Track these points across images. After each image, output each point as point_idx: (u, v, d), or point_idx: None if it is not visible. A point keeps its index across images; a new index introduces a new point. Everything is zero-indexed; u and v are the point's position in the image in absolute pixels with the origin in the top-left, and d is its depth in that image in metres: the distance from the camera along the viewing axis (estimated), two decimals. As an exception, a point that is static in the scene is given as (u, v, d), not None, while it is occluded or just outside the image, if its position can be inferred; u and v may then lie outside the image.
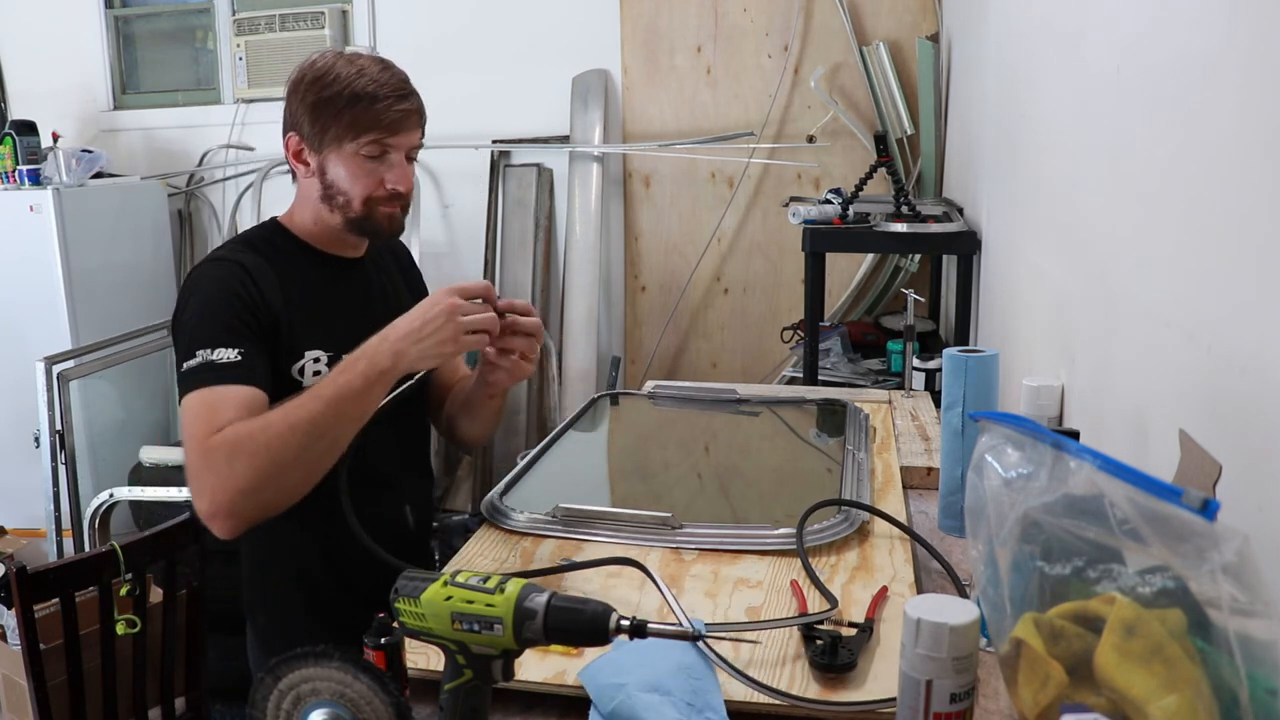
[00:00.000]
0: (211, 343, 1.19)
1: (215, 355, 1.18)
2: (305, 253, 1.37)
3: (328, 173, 1.32)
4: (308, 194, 1.36)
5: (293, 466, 1.15)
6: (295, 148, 1.33)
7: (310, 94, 1.30)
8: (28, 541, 3.15)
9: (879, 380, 2.64)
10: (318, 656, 0.82)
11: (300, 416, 1.15)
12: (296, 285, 1.32)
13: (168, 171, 4.17)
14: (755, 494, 1.60)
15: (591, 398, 2.02)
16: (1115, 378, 1.21)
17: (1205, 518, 0.66)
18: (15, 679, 2.22)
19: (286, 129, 1.34)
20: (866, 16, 3.51)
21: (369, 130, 1.29)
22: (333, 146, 1.30)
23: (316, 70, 1.31)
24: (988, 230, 2.36)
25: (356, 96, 1.28)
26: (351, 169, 1.31)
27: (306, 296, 1.32)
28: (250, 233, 1.39)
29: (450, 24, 3.85)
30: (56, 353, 2.95)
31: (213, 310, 1.23)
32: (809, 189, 3.60)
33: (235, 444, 1.14)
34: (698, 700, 0.89)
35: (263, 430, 1.14)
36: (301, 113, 1.31)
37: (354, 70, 1.29)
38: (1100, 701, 0.73)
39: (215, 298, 1.24)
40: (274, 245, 1.35)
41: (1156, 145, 1.08)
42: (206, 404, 1.17)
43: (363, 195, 1.32)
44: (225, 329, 1.21)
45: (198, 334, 1.21)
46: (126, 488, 2.74)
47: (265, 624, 1.42)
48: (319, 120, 1.29)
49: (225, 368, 1.18)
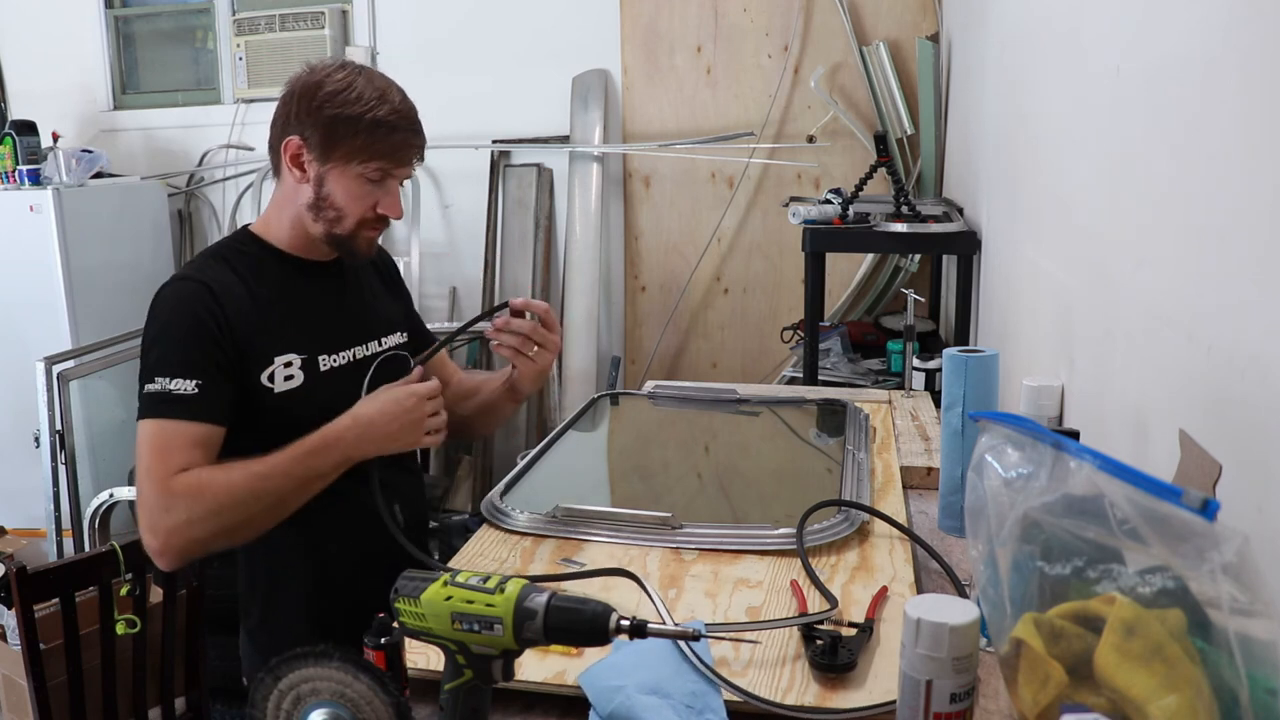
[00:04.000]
0: (170, 372, 1.21)
1: (173, 385, 1.21)
2: (278, 259, 1.37)
3: (325, 186, 1.31)
4: (291, 198, 1.35)
5: (246, 526, 1.23)
6: (295, 152, 1.31)
7: (330, 107, 1.28)
8: (28, 541, 3.15)
9: (879, 380, 2.64)
10: (318, 656, 0.82)
11: (266, 488, 1.21)
12: (268, 293, 1.32)
13: (168, 171, 4.17)
14: (755, 494, 1.60)
15: (591, 398, 2.02)
16: (1115, 378, 1.21)
17: (1205, 518, 0.66)
18: (15, 679, 2.22)
19: (287, 130, 1.31)
20: (866, 16, 3.51)
21: (381, 158, 1.30)
22: (338, 163, 1.30)
23: (338, 83, 1.29)
24: (988, 230, 2.36)
25: (377, 123, 1.28)
26: (351, 189, 1.31)
27: (279, 303, 1.33)
28: (220, 245, 1.38)
29: (450, 24, 3.85)
30: (56, 353, 2.94)
31: (173, 337, 1.24)
32: (809, 189, 3.60)
33: (197, 493, 1.18)
34: (697, 702, 0.89)
35: (226, 489, 1.19)
36: (312, 121, 1.29)
37: (376, 94, 1.29)
38: (1100, 701, 0.73)
39: (177, 324, 1.25)
40: (245, 255, 1.35)
41: (1156, 145, 1.08)
42: (162, 438, 1.20)
43: (357, 216, 1.33)
44: (184, 359, 1.22)
45: (158, 361, 1.23)
46: (126, 488, 2.74)
47: (257, 625, 1.42)
48: (332, 135, 1.29)
49: (181, 400, 1.21)
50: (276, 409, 1.29)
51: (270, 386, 1.29)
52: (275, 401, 1.30)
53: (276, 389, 1.30)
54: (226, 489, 1.19)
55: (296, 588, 1.38)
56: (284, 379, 1.30)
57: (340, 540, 1.37)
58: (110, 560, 1.79)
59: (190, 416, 1.21)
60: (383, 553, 1.26)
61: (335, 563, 1.37)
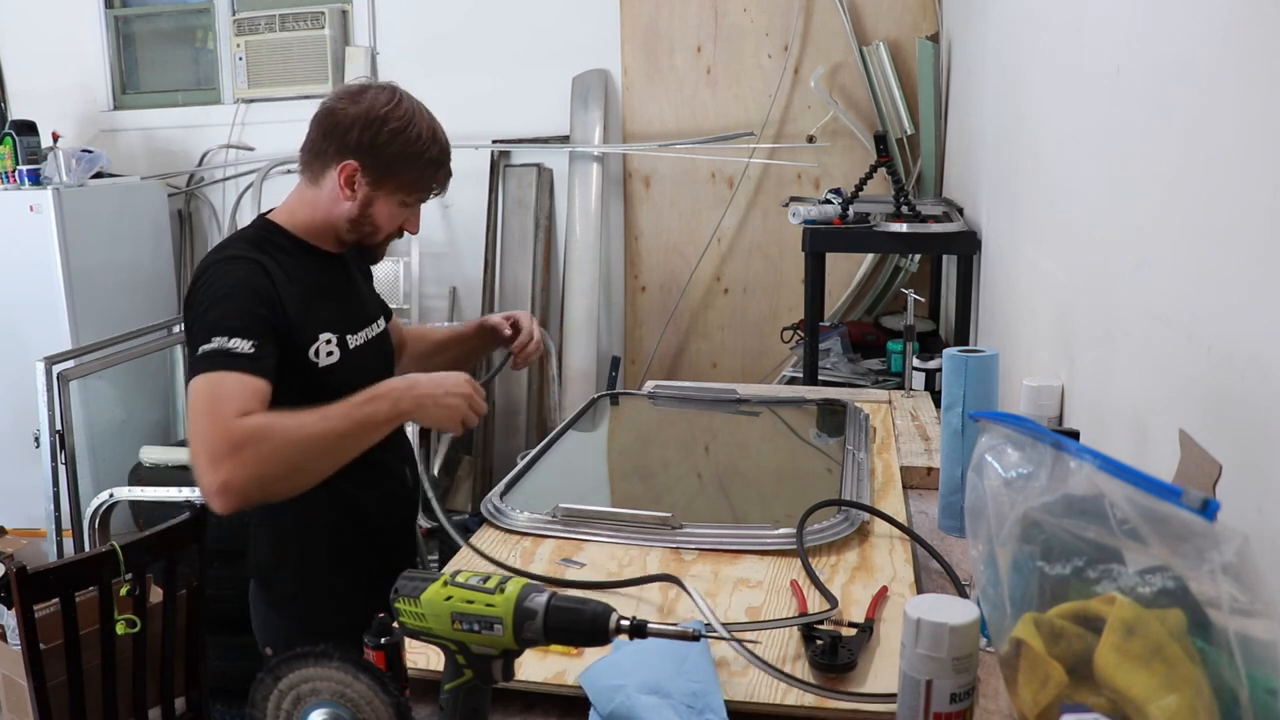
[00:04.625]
0: (229, 332, 1.27)
1: (231, 344, 1.26)
2: (302, 248, 1.45)
3: (371, 208, 1.43)
4: (326, 206, 1.43)
5: (306, 469, 1.26)
6: (350, 175, 1.40)
7: (392, 146, 1.39)
8: (28, 541, 3.15)
9: (879, 380, 2.64)
10: (318, 656, 0.82)
11: (329, 428, 1.26)
12: (299, 278, 1.41)
13: (168, 171, 4.17)
14: (755, 494, 1.60)
15: (591, 398, 2.02)
16: (1115, 378, 1.21)
17: (1205, 518, 0.66)
18: (15, 679, 2.22)
19: (344, 154, 1.38)
20: (866, 16, 3.51)
21: (427, 190, 1.46)
22: (389, 191, 1.42)
23: (399, 121, 1.39)
24: (988, 230, 2.36)
25: (429, 161, 1.43)
26: (393, 213, 1.45)
27: (308, 287, 1.41)
28: (249, 233, 1.45)
29: (450, 24, 3.85)
30: (56, 353, 2.94)
31: (234, 302, 1.31)
32: (809, 189, 3.60)
33: (265, 432, 1.21)
34: (697, 702, 0.89)
35: (297, 428, 1.23)
36: (373, 154, 1.39)
37: (429, 132, 1.42)
38: (1100, 701, 0.73)
39: (237, 292, 1.32)
40: (274, 244, 1.43)
41: (1156, 145, 1.08)
42: (223, 386, 1.24)
43: (388, 232, 1.47)
44: (243, 323, 1.29)
45: (217, 322, 1.28)
46: (126, 488, 2.74)
47: (286, 587, 1.48)
48: (390, 170, 1.40)
49: (240, 356, 1.26)
50: (317, 383, 1.38)
51: (315, 362, 1.39)
52: (318, 376, 1.39)
53: (320, 364, 1.40)
54: (296, 425, 1.23)
55: (327, 541, 1.47)
56: (326, 355, 1.41)
57: (363, 487, 1.46)
58: (110, 560, 1.79)
59: (249, 371, 1.26)
60: (391, 504, 1.47)
61: (360, 508, 1.47)
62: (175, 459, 2.91)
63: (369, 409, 1.29)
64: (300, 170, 1.46)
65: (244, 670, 1.40)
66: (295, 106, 4.02)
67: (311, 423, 1.25)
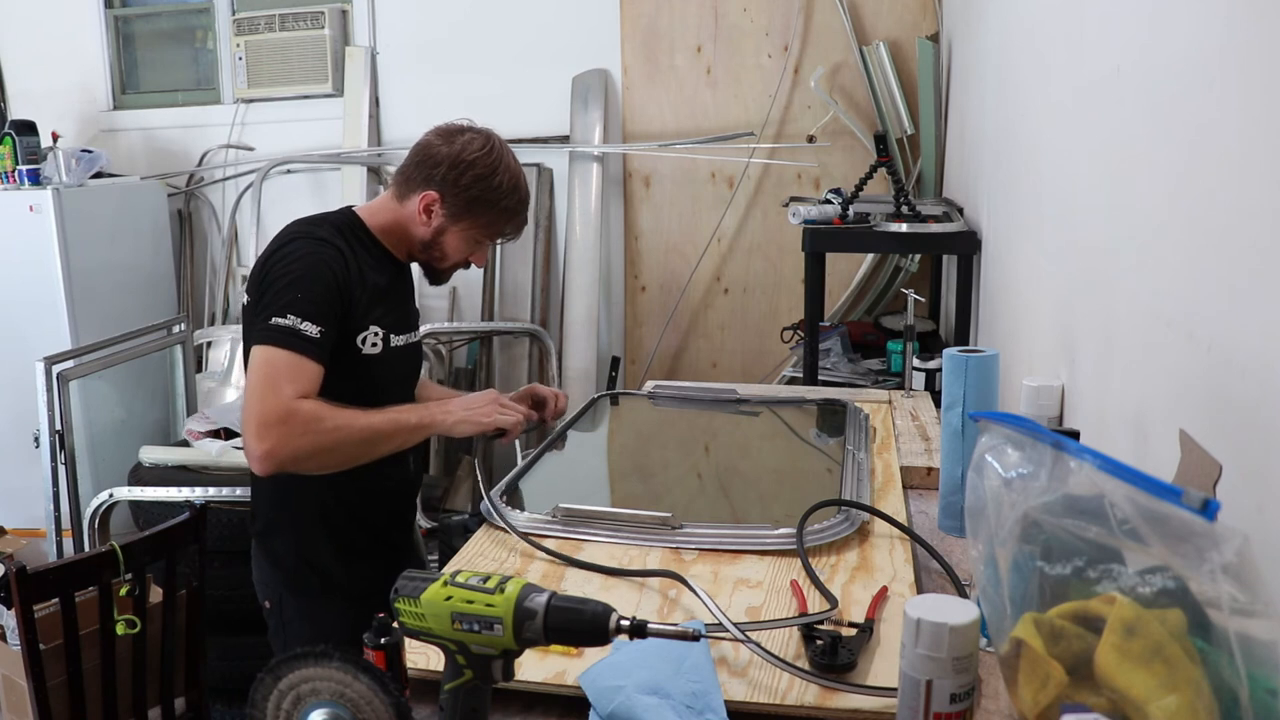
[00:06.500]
0: (303, 314, 1.40)
1: (303, 326, 1.39)
2: (377, 247, 1.57)
3: (443, 237, 1.55)
4: (406, 223, 1.55)
5: (342, 457, 1.42)
6: (429, 204, 1.52)
7: (474, 189, 1.51)
8: (28, 541, 3.14)
9: (879, 380, 2.64)
10: (318, 656, 0.82)
11: (371, 425, 1.42)
12: (367, 271, 1.52)
13: (167, 171, 4.17)
14: (755, 494, 1.60)
15: (591, 398, 2.02)
16: (1115, 378, 1.21)
17: (1205, 518, 0.66)
18: (15, 679, 2.22)
19: (429, 184, 1.51)
20: (866, 16, 3.51)
21: (499, 234, 1.59)
22: (463, 228, 1.54)
23: (484, 168, 1.51)
24: (988, 230, 2.36)
25: (505, 209, 1.55)
26: (462, 246, 1.57)
27: (372, 281, 1.52)
28: (336, 218, 1.56)
29: (450, 24, 3.85)
30: (56, 353, 2.94)
31: (313, 286, 1.43)
32: (809, 189, 3.60)
33: (318, 418, 1.36)
34: (697, 702, 0.89)
35: (347, 422, 1.40)
36: (454, 192, 1.51)
37: (512, 182, 1.54)
38: (1100, 701, 0.73)
39: (316, 276, 1.44)
40: (355, 234, 1.54)
41: (1156, 145, 1.08)
42: (293, 366, 1.38)
43: (455, 261, 1.59)
44: (317, 309, 1.41)
45: (294, 302, 1.40)
46: (126, 488, 2.74)
47: (281, 547, 1.59)
48: (468, 210, 1.52)
49: (310, 340, 1.39)
50: (354, 369, 1.49)
51: (360, 348, 1.50)
52: (357, 362, 1.50)
53: (364, 351, 1.50)
54: (348, 420, 1.39)
55: (322, 502, 1.57)
56: (370, 345, 1.51)
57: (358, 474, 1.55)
58: (110, 560, 1.79)
59: (314, 357, 1.40)
60: (394, 489, 1.60)
61: (358, 492, 1.57)
62: (175, 459, 2.91)
63: (408, 417, 1.45)
64: (391, 184, 1.58)
65: (244, 670, 1.41)
66: (295, 106, 4.03)
67: (360, 417, 1.41)
